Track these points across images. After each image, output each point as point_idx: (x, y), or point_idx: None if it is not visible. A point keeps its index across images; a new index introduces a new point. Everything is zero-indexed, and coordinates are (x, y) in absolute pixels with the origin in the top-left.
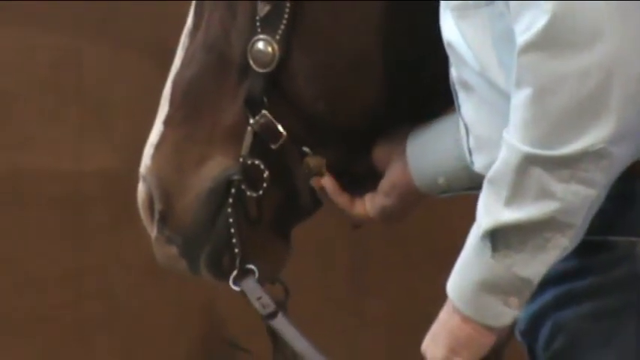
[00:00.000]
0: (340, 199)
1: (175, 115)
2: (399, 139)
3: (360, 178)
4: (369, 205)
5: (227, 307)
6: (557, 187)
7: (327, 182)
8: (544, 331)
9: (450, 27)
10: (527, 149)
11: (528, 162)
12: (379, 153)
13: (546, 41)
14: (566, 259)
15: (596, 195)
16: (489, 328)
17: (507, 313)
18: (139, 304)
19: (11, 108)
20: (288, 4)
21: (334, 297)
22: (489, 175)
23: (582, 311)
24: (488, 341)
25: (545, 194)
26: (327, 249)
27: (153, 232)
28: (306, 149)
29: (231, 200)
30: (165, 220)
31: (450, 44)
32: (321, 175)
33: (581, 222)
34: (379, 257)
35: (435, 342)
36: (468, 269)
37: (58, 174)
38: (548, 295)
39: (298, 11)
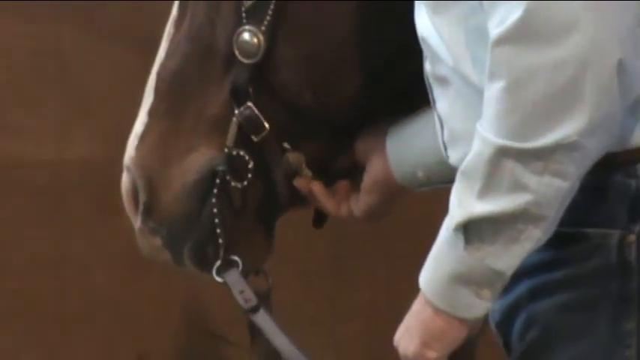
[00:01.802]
0: (328, 203)
1: (160, 106)
2: (379, 134)
3: (344, 174)
4: (354, 205)
5: (210, 297)
6: (531, 179)
7: (316, 186)
8: (518, 323)
9: (425, 22)
10: (501, 141)
11: (501, 154)
12: (360, 148)
13: (520, 34)
14: (541, 250)
15: (569, 187)
16: (462, 321)
17: (480, 305)
18: (120, 294)
19: None
20: None
21: (316, 289)
22: (462, 167)
23: (556, 303)
24: (460, 334)
25: (518, 186)
26: (310, 242)
27: (137, 222)
28: (286, 145)
29: (215, 191)
30: (149, 211)
31: (424, 39)
32: (300, 171)
33: (553, 214)
34: (361, 250)
35: (407, 334)
36: (440, 261)
37: (39, 162)
38: (523, 287)
39: (284, 2)
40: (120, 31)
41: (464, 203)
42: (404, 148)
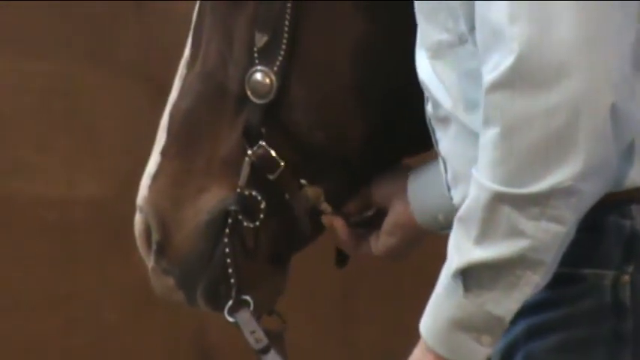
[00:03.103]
0: (348, 239)
1: (172, 146)
2: (398, 177)
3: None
4: (374, 245)
5: (218, 335)
6: (527, 224)
7: (338, 223)
8: None
9: (425, 65)
10: (496, 187)
11: (497, 200)
12: (380, 191)
13: (513, 80)
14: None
15: (566, 232)
16: None
17: (480, 350)
18: (127, 332)
19: (3, 134)
20: (285, 36)
21: (325, 327)
22: (459, 213)
23: (551, 343)
24: None
25: (515, 232)
26: (318, 278)
27: (150, 262)
28: (303, 181)
29: (227, 231)
30: (162, 251)
31: (424, 82)
32: (319, 205)
33: (552, 259)
34: (370, 286)
35: None
36: (440, 308)
37: (48, 200)
38: (519, 327)
39: (296, 42)
40: (130, 69)
41: (462, 249)
42: (425, 191)
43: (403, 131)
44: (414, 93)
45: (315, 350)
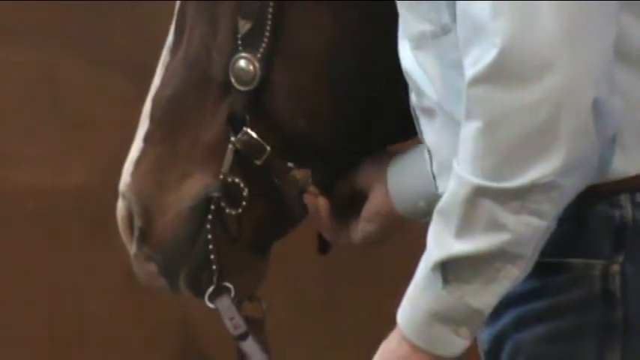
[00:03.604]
0: (328, 223)
1: (155, 132)
2: (379, 164)
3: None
4: (353, 232)
5: (202, 322)
6: (508, 218)
7: (322, 203)
8: (505, 353)
9: (408, 56)
10: (477, 181)
11: (478, 194)
12: (360, 177)
13: (495, 75)
14: (526, 280)
15: (546, 225)
16: (439, 358)
17: (458, 342)
18: (113, 321)
19: None
20: (269, 23)
21: (307, 313)
22: (439, 206)
23: (540, 333)
24: None
25: (495, 226)
26: (300, 266)
27: (132, 249)
28: (290, 164)
29: (210, 217)
30: (144, 237)
31: (407, 73)
32: (307, 187)
33: (531, 252)
34: (352, 272)
35: None
36: (418, 299)
37: (34, 190)
38: (508, 317)
39: (279, 29)
40: (115, 58)
41: (442, 242)
42: (405, 179)
43: (386, 120)
44: (397, 81)
45: (297, 336)
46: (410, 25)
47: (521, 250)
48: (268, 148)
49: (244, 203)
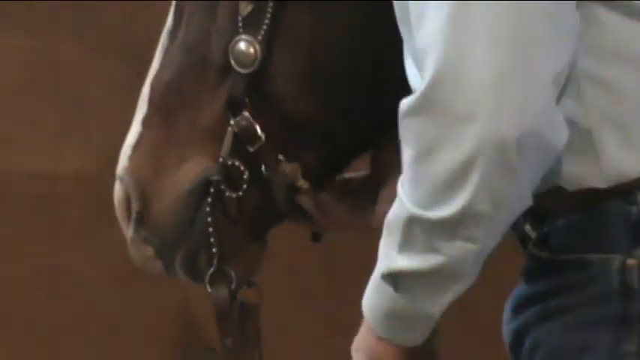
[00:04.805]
0: (335, 215)
1: (153, 116)
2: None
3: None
4: (371, 216)
5: (202, 307)
6: (441, 244)
7: (306, 200)
8: (525, 347)
9: (414, 73)
10: (413, 210)
11: (413, 220)
12: (379, 163)
13: (425, 108)
14: (545, 278)
15: (481, 248)
16: (402, 346)
17: (417, 336)
18: (113, 306)
19: None
20: (270, 4)
21: (309, 303)
22: (387, 218)
23: (559, 326)
24: (405, 354)
25: (430, 249)
26: (302, 254)
27: (129, 232)
28: (281, 157)
29: (210, 200)
30: (142, 220)
31: (415, 90)
32: (296, 182)
33: (470, 269)
34: (355, 263)
35: (357, 352)
36: (375, 297)
37: (34, 175)
38: (529, 313)
39: (281, 11)
40: (114, 43)
41: (388, 255)
42: None
43: (390, 106)
44: (399, 63)
45: (297, 324)
46: (410, 44)
47: (459, 269)
48: (262, 136)
49: (245, 186)
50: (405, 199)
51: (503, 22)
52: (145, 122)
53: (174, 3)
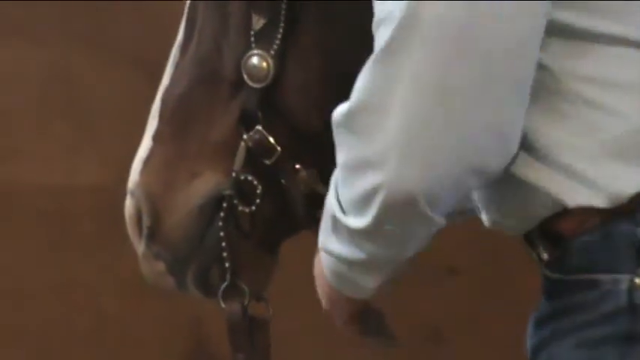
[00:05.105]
0: None
1: (165, 131)
2: None
3: None
4: None
5: (215, 324)
6: (362, 243)
7: None
8: None
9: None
10: (338, 214)
11: (336, 220)
12: None
13: (348, 125)
14: (561, 297)
15: (399, 251)
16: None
17: (363, 292)
18: (127, 320)
19: (1, 122)
20: (282, 18)
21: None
22: (327, 200)
23: (570, 343)
24: (352, 307)
25: (354, 244)
26: (308, 265)
27: (140, 247)
28: (298, 166)
29: (222, 215)
30: (153, 235)
31: None
32: (316, 187)
33: (393, 267)
34: None
35: (320, 291)
36: (323, 254)
37: (47, 188)
38: (546, 330)
39: (294, 25)
40: (129, 55)
41: (324, 234)
42: None
43: None
44: None
45: (308, 337)
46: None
47: (381, 264)
48: (279, 148)
49: (258, 201)
50: (333, 194)
51: (426, 71)
52: (156, 137)
53: (185, 15)
